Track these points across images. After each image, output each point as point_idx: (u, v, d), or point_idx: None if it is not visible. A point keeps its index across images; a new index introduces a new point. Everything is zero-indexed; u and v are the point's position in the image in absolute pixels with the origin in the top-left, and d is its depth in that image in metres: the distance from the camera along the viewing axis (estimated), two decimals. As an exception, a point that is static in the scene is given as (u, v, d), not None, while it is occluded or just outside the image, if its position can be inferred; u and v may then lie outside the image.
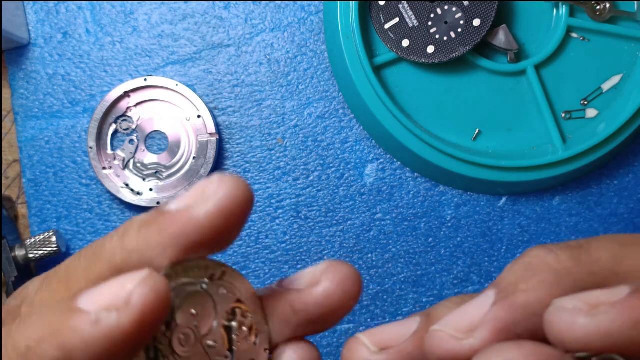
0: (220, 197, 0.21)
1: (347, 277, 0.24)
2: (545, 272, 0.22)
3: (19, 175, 0.51)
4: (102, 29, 0.51)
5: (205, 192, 0.21)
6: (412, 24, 0.47)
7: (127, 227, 0.22)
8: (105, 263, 0.22)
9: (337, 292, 0.23)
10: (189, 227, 0.21)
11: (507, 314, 0.21)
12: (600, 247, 0.22)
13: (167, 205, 0.22)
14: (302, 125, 0.51)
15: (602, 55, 0.49)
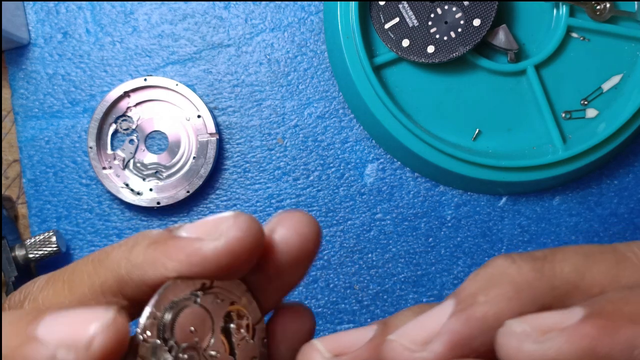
0: (231, 237, 0.21)
1: (301, 221, 0.24)
2: (505, 285, 0.21)
3: (19, 175, 0.51)
4: (102, 29, 0.51)
5: (218, 227, 0.21)
6: (412, 23, 0.47)
7: (138, 240, 0.22)
8: (109, 272, 0.22)
9: (293, 236, 0.23)
10: (195, 258, 0.21)
11: (463, 327, 0.21)
12: (564, 259, 0.22)
13: (180, 229, 0.22)
14: (302, 125, 0.51)
15: (602, 55, 0.49)
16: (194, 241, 0.21)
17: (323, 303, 0.50)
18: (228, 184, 0.51)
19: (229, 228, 0.21)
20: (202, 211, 0.50)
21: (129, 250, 0.22)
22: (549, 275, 0.21)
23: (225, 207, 0.50)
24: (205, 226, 0.22)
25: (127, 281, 0.22)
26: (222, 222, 0.22)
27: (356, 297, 0.50)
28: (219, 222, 0.22)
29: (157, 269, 0.22)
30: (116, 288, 0.22)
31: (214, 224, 0.22)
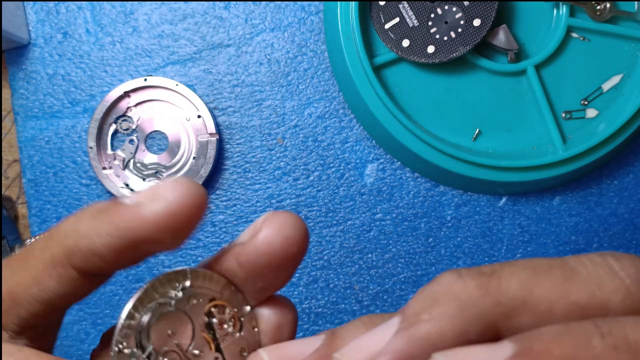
0: (169, 200, 0.22)
1: (287, 223, 0.23)
2: (449, 302, 0.21)
3: (19, 175, 0.51)
4: (102, 29, 0.51)
5: (157, 192, 0.22)
6: (412, 24, 0.47)
7: (84, 211, 0.23)
8: (57, 244, 0.23)
9: (277, 238, 0.23)
10: (136, 222, 0.22)
11: (406, 346, 0.21)
12: (512, 275, 0.21)
13: (124, 198, 0.23)
14: (302, 125, 0.51)
15: (602, 55, 0.49)
16: (134, 207, 0.22)
17: (323, 303, 0.50)
18: (228, 184, 0.51)
19: (168, 191, 0.22)
20: (202, 211, 0.50)
21: (76, 221, 0.23)
22: (495, 292, 0.21)
23: (225, 207, 0.50)
24: (147, 192, 0.22)
25: (75, 251, 0.22)
26: (163, 186, 0.22)
27: (356, 297, 0.50)
28: (160, 187, 0.22)
29: (103, 237, 0.22)
30: (65, 259, 0.23)
31: (154, 190, 0.22)
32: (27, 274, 0.23)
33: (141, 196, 0.22)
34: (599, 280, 0.21)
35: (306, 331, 0.50)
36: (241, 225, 0.50)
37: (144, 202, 0.22)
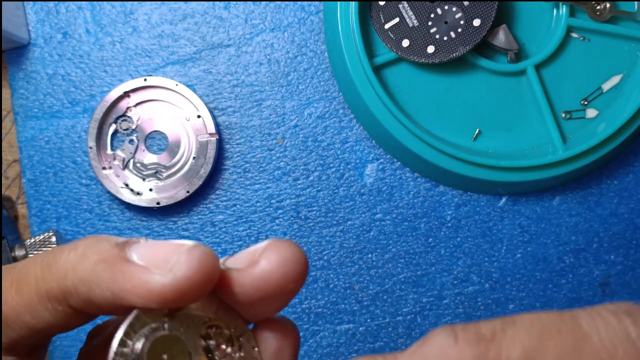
0: (179, 275, 0.20)
1: (289, 258, 0.22)
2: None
3: (19, 175, 0.51)
4: (102, 29, 0.51)
5: (169, 261, 0.21)
6: (412, 24, 0.47)
7: (87, 251, 0.22)
8: (55, 280, 0.22)
9: (275, 275, 0.22)
10: (141, 291, 0.21)
11: None
12: (515, 340, 0.19)
13: (132, 249, 0.22)
14: (302, 125, 0.51)
15: (602, 55, 0.49)
16: (142, 271, 0.21)
17: (323, 303, 0.50)
18: (228, 184, 0.51)
19: (179, 264, 0.20)
20: (201, 211, 0.50)
21: (77, 261, 0.21)
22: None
23: (225, 207, 0.50)
24: (157, 255, 0.21)
25: (73, 294, 0.22)
26: (174, 255, 0.21)
27: (356, 297, 0.50)
28: (171, 255, 0.21)
29: (104, 291, 0.21)
30: (61, 297, 0.22)
31: (166, 256, 0.21)
32: (21, 300, 0.22)
33: (151, 257, 0.21)
34: (612, 347, 0.19)
35: (306, 331, 0.50)
36: (241, 225, 0.50)
37: (154, 270, 0.21)
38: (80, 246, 0.22)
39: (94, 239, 0.22)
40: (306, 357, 0.50)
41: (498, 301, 0.50)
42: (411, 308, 0.50)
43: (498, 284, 0.50)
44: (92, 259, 0.21)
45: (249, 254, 0.23)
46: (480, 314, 0.50)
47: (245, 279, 0.22)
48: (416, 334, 0.50)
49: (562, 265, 0.51)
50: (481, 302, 0.50)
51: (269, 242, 0.23)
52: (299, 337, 0.24)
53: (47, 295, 0.22)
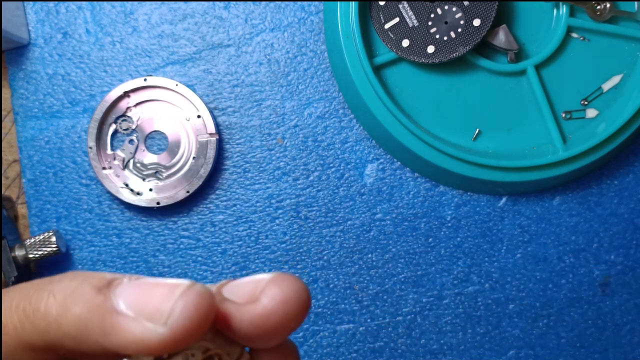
0: (176, 326, 0.19)
1: (291, 296, 0.21)
2: None
3: (19, 175, 0.51)
4: (102, 29, 0.51)
5: (162, 309, 0.19)
6: (412, 24, 0.47)
7: (68, 301, 0.20)
8: (38, 334, 0.20)
9: (277, 313, 0.21)
10: (136, 345, 0.19)
11: None
12: None
13: (119, 295, 0.20)
14: (302, 125, 0.51)
15: (602, 55, 0.49)
16: (134, 325, 0.19)
17: (323, 303, 0.50)
18: (228, 184, 0.51)
19: (175, 315, 0.19)
20: (201, 211, 0.50)
21: (59, 313, 0.19)
22: None
23: (225, 207, 0.50)
24: (148, 302, 0.19)
25: (59, 347, 0.20)
26: (167, 301, 0.19)
27: (356, 297, 0.50)
28: (164, 302, 0.19)
29: (92, 344, 0.19)
30: (48, 348, 0.20)
31: (158, 304, 0.19)
32: (2, 350, 0.20)
33: (142, 309, 0.19)
34: None
35: (306, 331, 0.50)
36: (241, 225, 0.50)
37: (147, 323, 0.19)
38: (58, 292, 0.20)
39: (73, 281, 0.20)
40: (306, 357, 0.50)
41: (498, 301, 0.50)
42: (411, 308, 0.50)
43: (498, 284, 0.50)
44: (75, 310, 0.19)
45: (250, 285, 0.21)
46: (480, 314, 0.50)
47: (244, 315, 0.21)
48: (416, 334, 0.50)
49: (562, 265, 0.51)
50: (481, 302, 0.50)
51: (272, 277, 0.21)
52: (299, 358, 0.24)
53: (31, 347, 0.20)
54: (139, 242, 0.50)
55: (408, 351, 0.50)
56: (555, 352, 0.50)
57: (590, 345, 0.50)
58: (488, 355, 0.50)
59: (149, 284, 0.20)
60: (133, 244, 0.50)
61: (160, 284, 0.20)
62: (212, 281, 0.50)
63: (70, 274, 0.21)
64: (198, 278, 0.50)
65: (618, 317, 0.50)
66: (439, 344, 0.50)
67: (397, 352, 0.50)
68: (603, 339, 0.50)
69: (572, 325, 0.50)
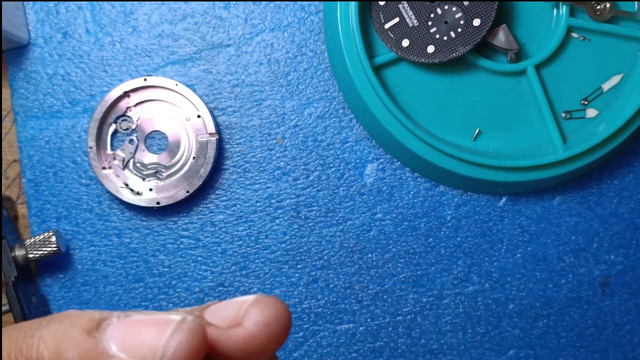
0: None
1: (273, 320, 0.21)
2: None
3: (19, 175, 0.51)
4: (102, 29, 0.51)
5: (156, 351, 0.19)
6: (412, 23, 0.47)
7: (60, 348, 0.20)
8: None
9: (259, 337, 0.21)
10: None
11: None
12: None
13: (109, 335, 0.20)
14: (302, 125, 0.51)
15: (602, 55, 0.49)
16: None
17: (323, 303, 0.50)
18: (228, 184, 0.51)
19: (168, 354, 0.19)
20: (201, 211, 0.50)
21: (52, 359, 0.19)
22: None
23: (225, 207, 0.50)
24: (140, 344, 0.19)
25: None
26: (158, 340, 0.19)
27: (356, 297, 0.50)
28: (156, 341, 0.19)
29: None
30: None
31: (150, 345, 0.19)
32: None
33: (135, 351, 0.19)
34: None
35: (306, 331, 0.50)
36: (241, 225, 0.50)
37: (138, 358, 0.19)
38: (48, 338, 0.20)
39: (62, 324, 0.20)
40: (306, 357, 0.50)
41: (498, 301, 0.50)
42: (411, 308, 0.50)
43: (498, 284, 0.50)
44: (67, 356, 0.19)
45: (233, 308, 0.22)
46: (480, 314, 0.50)
47: (228, 340, 0.21)
48: (416, 334, 0.50)
49: (562, 265, 0.51)
50: (481, 302, 0.50)
51: (254, 300, 0.21)
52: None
53: None
54: (139, 242, 0.50)
55: (408, 351, 0.50)
56: (555, 352, 0.50)
57: (590, 345, 0.50)
58: (488, 355, 0.50)
59: (138, 323, 0.20)
60: (133, 243, 0.50)
61: (150, 321, 0.20)
62: (212, 281, 0.50)
63: (58, 316, 0.21)
64: (198, 278, 0.50)
65: (618, 317, 0.50)
66: (439, 344, 0.50)
67: (397, 352, 0.50)
68: (603, 339, 0.50)
69: (572, 325, 0.50)
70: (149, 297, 0.50)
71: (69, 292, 0.50)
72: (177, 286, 0.50)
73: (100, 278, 0.50)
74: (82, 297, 0.50)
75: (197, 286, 0.50)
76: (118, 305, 0.50)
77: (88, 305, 0.50)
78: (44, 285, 0.50)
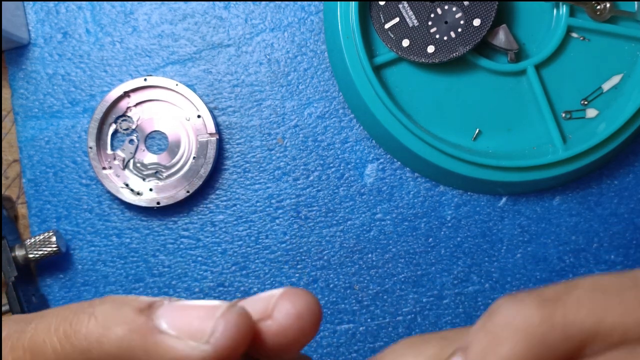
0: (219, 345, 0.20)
1: (304, 312, 0.21)
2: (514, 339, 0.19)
3: (19, 175, 0.51)
4: (102, 28, 0.51)
5: (204, 328, 0.20)
6: (412, 23, 0.47)
7: (110, 323, 0.20)
8: (79, 354, 0.20)
9: (291, 329, 0.21)
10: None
11: None
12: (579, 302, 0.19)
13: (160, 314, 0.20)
14: (302, 125, 0.51)
15: (602, 55, 0.49)
16: (177, 343, 0.20)
17: (323, 303, 0.50)
18: (228, 184, 0.51)
19: (217, 334, 0.20)
20: (201, 211, 0.50)
21: (101, 333, 0.20)
22: (563, 324, 0.19)
23: (225, 207, 0.50)
24: (190, 322, 0.20)
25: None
26: (208, 321, 0.20)
27: (356, 297, 0.50)
28: (205, 321, 0.20)
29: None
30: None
31: (200, 324, 0.20)
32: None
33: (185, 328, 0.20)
34: None
35: (306, 331, 0.50)
36: (241, 225, 0.50)
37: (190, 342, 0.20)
38: (99, 314, 0.21)
39: (114, 304, 0.21)
40: (306, 357, 0.50)
41: (498, 301, 0.50)
42: (411, 308, 0.50)
43: (498, 284, 0.50)
44: (118, 331, 0.20)
45: (261, 303, 0.22)
46: (480, 314, 0.50)
47: (258, 334, 0.21)
48: (416, 334, 0.50)
49: (562, 265, 0.51)
50: (481, 302, 0.50)
51: (283, 292, 0.22)
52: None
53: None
54: (139, 242, 0.50)
55: (408, 351, 0.50)
56: (555, 352, 0.50)
57: (590, 345, 0.50)
58: (488, 355, 0.50)
59: (189, 306, 0.21)
60: (133, 244, 0.50)
61: (200, 305, 0.20)
62: (212, 281, 0.50)
63: (110, 298, 0.22)
64: (198, 278, 0.50)
65: (618, 317, 0.50)
66: (439, 344, 0.50)
67: (397, 352, 0.50)
68: (603, 339, 0.50)
69: (572, 325, 0.50)
70: (149, 297, 0.50)
71: (69, 292, 0.50)
72: (177, 286, 0.50)
73: (100, 278, 0.50)
74: (82, 297, 0.50)
75: (197, 286, 0.50)
76: (118, 305, 0.50)
77: (88, 305, 0.50)
78: (44, 285, 0.50)
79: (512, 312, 0.19)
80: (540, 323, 0.19)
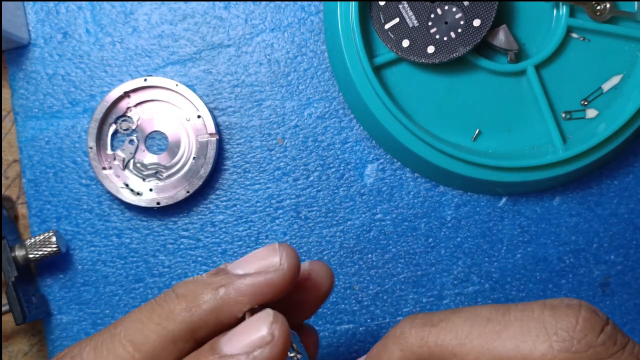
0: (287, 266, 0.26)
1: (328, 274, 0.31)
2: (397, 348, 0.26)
3: (19, 175, 0.51)
4: (102, 29, 0.51)
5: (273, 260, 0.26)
6: (412, 24, 0.47)
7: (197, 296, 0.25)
8: (180, 323, 0.25)
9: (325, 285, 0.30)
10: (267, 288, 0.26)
11: None
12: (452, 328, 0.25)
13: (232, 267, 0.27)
14: (302, 125, 0.51)
15: (602, 55, 0.49)
16: (259, 275, 0.26)
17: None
18: (228, 184, 0.51)
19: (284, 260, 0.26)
20: (202, 211, 0.50)
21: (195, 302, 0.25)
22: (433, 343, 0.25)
23: (225, 207, 0.50)
24: (260, 260, 0.26)
25: (202, 325, 0.25)
26: (274, 255, 0.26)
27: (356, 297, 0.50)
28: (271, 256, 0.26)
29: (233, 307, 0.25)
30: (190, 335, 0.25)
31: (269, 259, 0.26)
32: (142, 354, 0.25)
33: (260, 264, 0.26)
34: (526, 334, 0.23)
35: (306, 331, 0.50)
36: (241, 225, 0.50)
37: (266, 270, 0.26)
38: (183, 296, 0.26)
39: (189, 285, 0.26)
40: (306, 357, 0.50)
41: (498, 301, 0.50)
42: (411, 308, 0.50)
43: (498, 284, 0.50)
44: (209, 291, 0.26)
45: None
46: (480, 314, 0.50)
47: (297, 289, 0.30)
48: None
49: (562, 265, 0.51)
50: (481, 302, 0.50)
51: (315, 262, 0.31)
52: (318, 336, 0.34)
53: (173, 339, 0.25)
54: (139, 242, 0.50)
55: (408, 351, 0.50)
56: (555, 352, 0.50)
57: (590, 346, 0.50)
58: (488, 356, 0.50)
59: (250, 255, 0.27)
60: (133, 244, 0.50)
61: (257, 251, 0.27)
62: (212, 281, 0.50)
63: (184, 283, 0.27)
64: (198, 278, 0.50)
65: (618, 317, 0.50)
66: (439, 344, 0.50)
67: (397, 352, 0.50)
68: (603, 339, 0.50)
69: (572, 326, 0.50)
70: (149, 297, 0.50)
71: (69, 292, 0.50)
72: (177, 286, 0.50)
73: (100, 278, 0.50)
74: (82, 297, 0.50)
75: (197, 286, 0.50)
76: (118, 306, 0.50)
77: (87, 305, 0.50)
78: (44, 285, 0.50)
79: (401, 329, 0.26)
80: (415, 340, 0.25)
